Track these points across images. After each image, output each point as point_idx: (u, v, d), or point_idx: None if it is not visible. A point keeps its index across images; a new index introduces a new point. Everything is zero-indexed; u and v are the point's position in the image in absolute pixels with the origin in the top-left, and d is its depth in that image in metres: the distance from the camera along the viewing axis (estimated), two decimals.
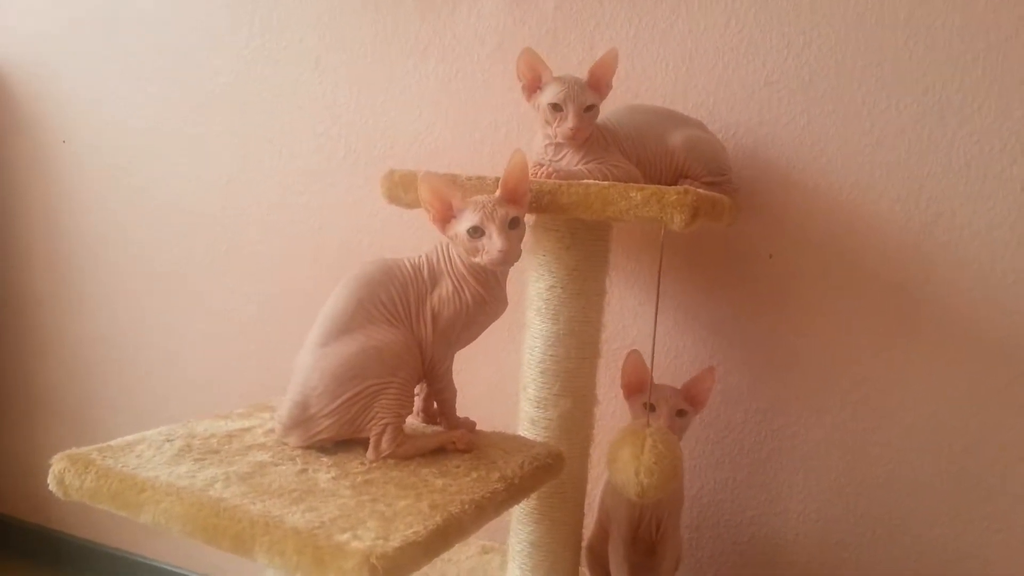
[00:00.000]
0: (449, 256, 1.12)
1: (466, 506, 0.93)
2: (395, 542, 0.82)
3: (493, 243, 1.04)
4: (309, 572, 0.81)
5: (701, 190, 1.15)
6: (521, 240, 1.09)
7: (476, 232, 1.05)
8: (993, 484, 1.35)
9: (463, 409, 1.22)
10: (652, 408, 1.27)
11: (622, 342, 1.54)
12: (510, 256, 1.05)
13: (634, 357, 1.31)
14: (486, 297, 1.12)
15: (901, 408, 1.39)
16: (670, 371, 1.51)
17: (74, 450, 1.00)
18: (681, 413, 1.29)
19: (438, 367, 1.13)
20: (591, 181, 1.15)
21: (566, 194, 1.11)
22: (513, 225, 1.07)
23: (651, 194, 1.07)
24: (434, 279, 1.11)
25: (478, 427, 1.22)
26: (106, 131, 1.98)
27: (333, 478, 0.98)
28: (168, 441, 1.04)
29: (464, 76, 1.62)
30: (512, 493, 1.02)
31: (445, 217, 1.08)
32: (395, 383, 1.04)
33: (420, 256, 1.14)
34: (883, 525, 1.42)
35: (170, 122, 1.90)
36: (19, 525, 2.25)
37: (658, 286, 1.28)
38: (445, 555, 1.52)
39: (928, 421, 1.37)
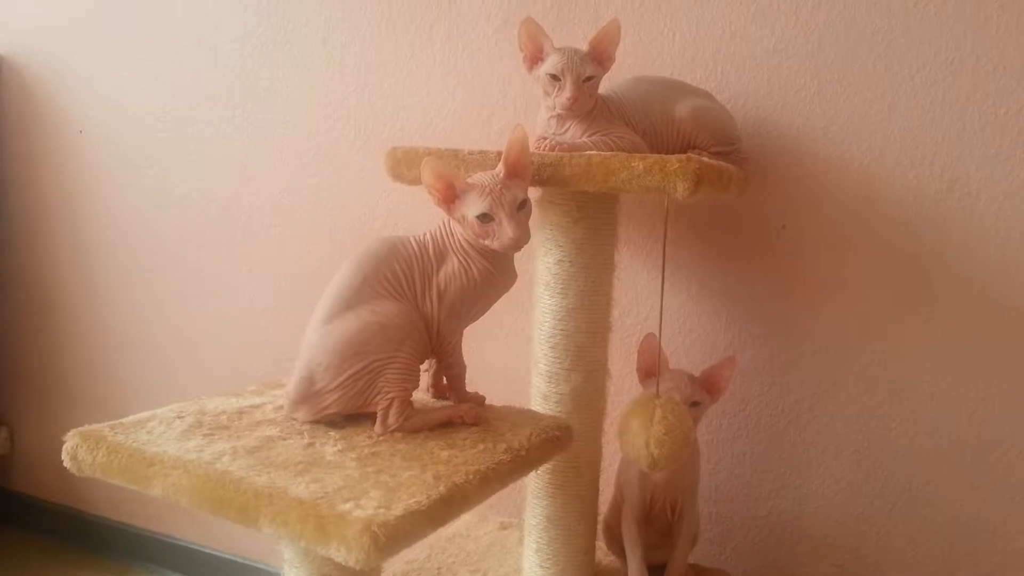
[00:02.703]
0: (453, 233, 1.12)
1: (470, 476, 0.94)
2: (397, 511, 0.83)
3: (504, 230, 1.05)
4: (312, 541, 0.82)
5: (706, 159, 1.14)
6: (529, 219, 1.10)
7: (486, 218, 1.05)
8: (1014, 455, 1.32)
9: (476, 385, 1.22)
10: None
11: (636, 316, 1.53)
12: (522, 241, 1.07)
13: (650, 341, 1.28)
14: (494, 272, 1.12)
15: (919, 379, 1.37)
16: (685, 347, 1.51)
17: (87, 427, 1.01)
18: (695, 404, 1.25)
19: (447, 342, 1.13)
20: (593, 152, 1.14)
21: (568, 166, 1.11)
22: (521, 207, 1.07)
23: (653, 163, 1.06)
24: (440, 256, 1.12)
25: (490, 402, 1.22)
26: (121, 121, 2.00)
27: (340, 451, 0.98)
28: (179, 418, 1.06)
29: (471, 53, 1.61)
30: (518, 464, 1.02)
31: (449, 198, 1.08)
32: (399, 357, 1.05)
33: (425, 234, 1.14)
34: (903, 498, 1.40)
35: (183, 109, 1.92)
36: (47, 506, 2.30)
37: (663, 258, 1.27)
38: (464, 531, 1.54)
39: (947, 392, 1.35)
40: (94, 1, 1.99)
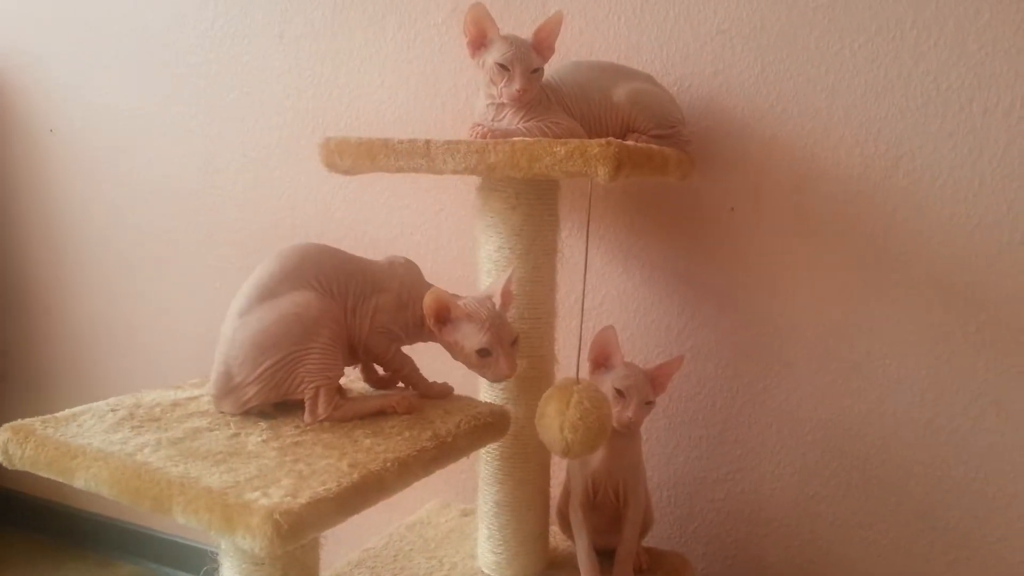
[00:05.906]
0: (398, 273, 1.17)
1: (388, 464, 0.94)
2: (303, 499, 0.84)
3: (500, 366, 1.10)
4: (220, 530, 0.83)
5: (631, 143, 1.13)
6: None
7: (484, 353, 1.09)
8: (966, 431, 1.32)
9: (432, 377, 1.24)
10: (622, 395, 1.20)
11: (590, 302, 1.53)
12: (511, 376, 1.12)
13: (606, 333, 1.24)
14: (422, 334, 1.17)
15: (869, 358, 1.36)
16: (639, 332, 1.51)
17: (19, 421, 1.03)
18: (649, 403, 1.23)
19: (382, 357, 1.16)
20: (519, 139, 1.14)
21: (493, 153, 1.10)
22: (514, 343, 1.13)
23: (574, 148, 1.05)
24: (377, 286, 1.14)
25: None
26: (90, 119, 2.02)
27: (263, 441, 0.99)
28: (112, 411, 1.07)
29: (422, 42, 1.61)
30: (443, 451, 1.03)
31: (442, 319, 1.12)
32: (316, 347, 1.05)
33: (372, 261, 1.18)
34: (857, 477, 1.39)
35: (150, 105, 1.94)
36: (30, 501, 2.33)
37: (586, 244, 1.27)
38: (425, 519, 1.55)
39: (898, 370, 1.35)
40: (61, 2, 2.00)
